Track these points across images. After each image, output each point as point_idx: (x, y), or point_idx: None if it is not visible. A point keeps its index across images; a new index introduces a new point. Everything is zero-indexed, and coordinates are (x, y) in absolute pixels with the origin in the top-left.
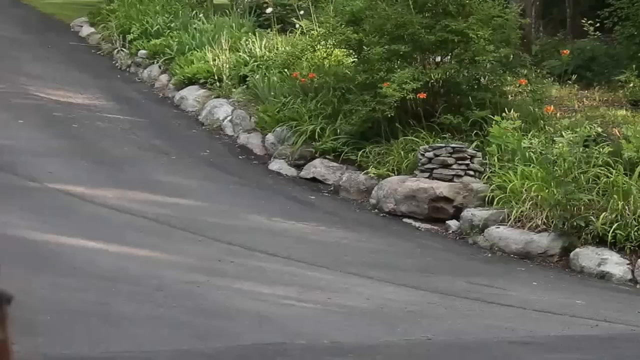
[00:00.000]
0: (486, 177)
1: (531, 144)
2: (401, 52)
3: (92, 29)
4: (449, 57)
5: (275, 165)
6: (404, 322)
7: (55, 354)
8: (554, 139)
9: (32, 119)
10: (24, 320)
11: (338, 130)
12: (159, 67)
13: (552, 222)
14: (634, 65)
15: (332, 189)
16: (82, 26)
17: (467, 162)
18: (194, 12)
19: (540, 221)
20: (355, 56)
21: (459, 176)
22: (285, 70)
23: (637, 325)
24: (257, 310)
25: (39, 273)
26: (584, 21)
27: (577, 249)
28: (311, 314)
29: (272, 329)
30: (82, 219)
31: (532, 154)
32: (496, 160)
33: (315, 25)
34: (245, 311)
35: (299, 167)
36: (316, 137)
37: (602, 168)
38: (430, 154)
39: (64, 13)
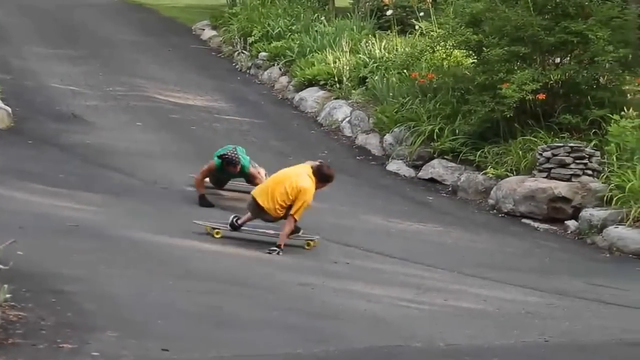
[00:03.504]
0: (604, 176)
1: None
2: (521, 54)
3: (214, 32)
4: (568, 58)
5: (393, 165)
6: (521, 324)
7: (165, 358)
8: None
9: (151, 121)
10: (135, 323)
11: (457, 131)
12: (280, 69)
13: None
14: None
15: (450, 189)
16: (203, 29)
17: (585, 161)
18: (316, 15)
19: None
20: (475, 57)
21: (577, 175)
22: (404, 71)
23: None
24: (373, 313)
25: (153, 275)
26: None
27: None
28: (427, 316)
29: (387, 331)
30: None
31: None
32: (615, 159)
33: (435, 26)
34: (360, 313)
35: (416, 168)
36: (434, 137)
37: None
38: (548, 154)
39: (186, 16)
